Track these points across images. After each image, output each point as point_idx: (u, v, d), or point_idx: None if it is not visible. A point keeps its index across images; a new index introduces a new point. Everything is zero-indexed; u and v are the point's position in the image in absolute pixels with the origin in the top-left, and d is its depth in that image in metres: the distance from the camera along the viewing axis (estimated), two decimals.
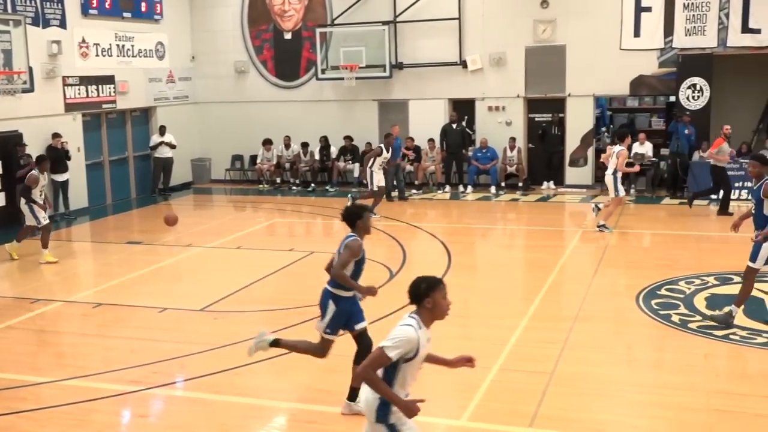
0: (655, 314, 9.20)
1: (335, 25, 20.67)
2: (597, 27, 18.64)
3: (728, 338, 8.34)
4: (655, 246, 13.81)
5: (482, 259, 13.35)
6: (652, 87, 18.96)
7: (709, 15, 17.94)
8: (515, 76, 19.52)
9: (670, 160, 18.03)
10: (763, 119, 19.30)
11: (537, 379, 7.22)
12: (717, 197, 16.25)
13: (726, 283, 10.45)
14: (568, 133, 19.48)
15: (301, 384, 7.50)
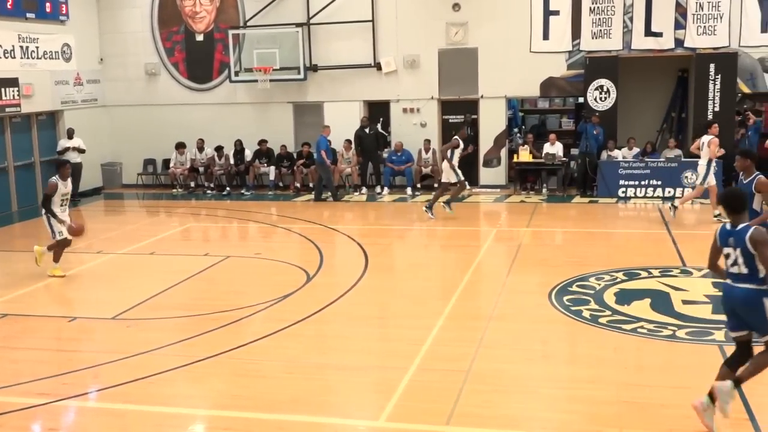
0: (567, 310, 9.43)
1: (248, 27, 20.48)
2: (507, 30, 19.00)
3: (636, 332, 8.61)
4: (567, 244, 14.15)
5: (399, 260, 13.43)
6: (562, 88, 19.44)
7: (614, 19, 18.49)
8: (429, 78, 19.72)
9: (579, 160, 18.51)
10: (667, 119, 20.01)
11: (454, 378, 7.30)
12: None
13: (634, 279, 10.78)
14: (482, 134, 19.78)
15: (216, 390, 7.39)
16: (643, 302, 9.65)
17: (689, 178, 17.30)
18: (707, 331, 8.51)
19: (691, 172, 16.48)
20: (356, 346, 8.57)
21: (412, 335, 8.60)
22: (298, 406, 6.88)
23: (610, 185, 17.79)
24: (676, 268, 11.30)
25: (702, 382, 7.15)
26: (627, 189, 17.76)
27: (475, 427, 6.37)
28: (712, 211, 14.81)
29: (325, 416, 6.73)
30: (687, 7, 18.08)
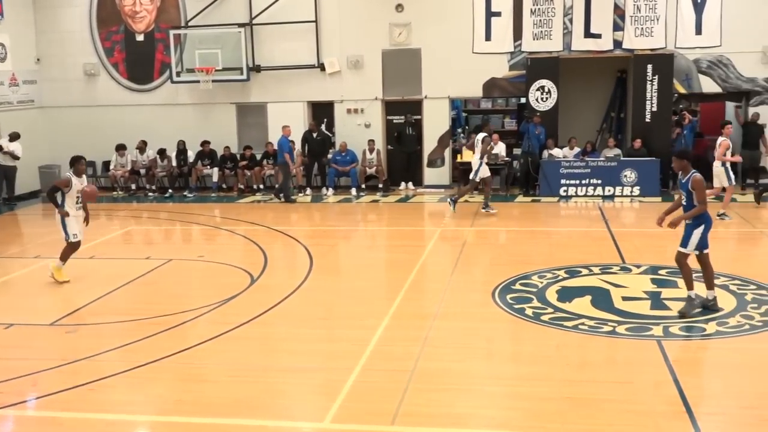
0: (510, 308, 9.52)
1: (189, 27, 20.25)
2: (450, 31, 19.14)
3: (578, 328, 8.74)
4: (510, 242, 14.31)
5: (344, 261, 13.41)
6: (504, 89, 19.65)
7: (554, 20, 18.77)
8: (373, 78, 19.75)
9: (522, 160, 18.74)
10: (606, 119, 20.37)
11: (398, 378, 7.32)
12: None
13: (575, 276, 10.94)
14: (426, 134, 19.89)
15: (158, 396, 7.28)
16: (584, 299, 9.80)
17: (628, 177, 17.68)
18: (646, 327, 8.68)
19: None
20: (301, 347, 8.53)
21: (357, 336, 8.60)
22: (243, 410, 6.82)
23: (551, 184, 18.05)
24: (616, 266, 11.50)
25: (641, 376, 7.33)
26: (568, 188, 18.04)
27: (419, 426, 6.39)
28: (719, 210, 14.82)
29: (270, 419, 6.68)
30: (625, 9, 18.45)
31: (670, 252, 9.66)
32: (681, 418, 6.41)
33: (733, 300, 9.61)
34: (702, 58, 18.50)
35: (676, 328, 8.66)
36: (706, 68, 18.55)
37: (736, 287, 10.14)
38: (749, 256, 12.88)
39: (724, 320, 8.87)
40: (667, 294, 9.92)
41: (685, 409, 6.56)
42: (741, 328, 8.63)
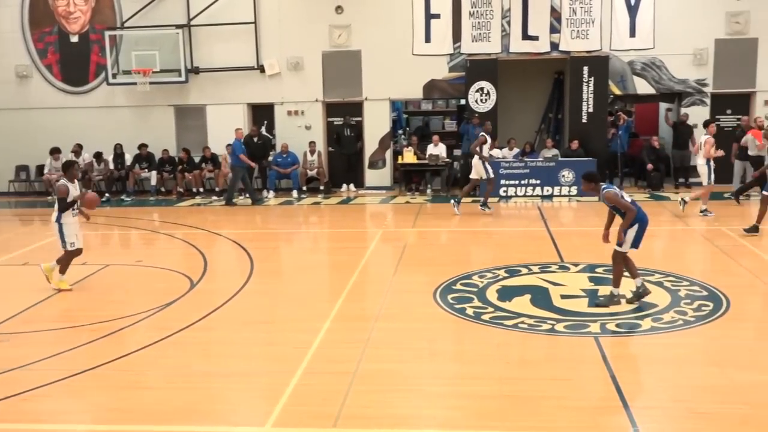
0: (452, 308, 9.58)
1: (125, 28, 19.95)
2: (390, 33, 19.22)
3: (518, 327, 8.84)
4: (451, 243, 14.41)
5: (286, 264, 13.34)
6: (444, 90, 19.81)
7: (492, 23, 19.00)
8: (313, 80, 19.73)
9: (462, 161, 18.90)
10: (544, 120, 20.69)
11: (340, 380, 7.30)
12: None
13: (515, 275, 11.07)
14: (367, 136, 19.94)
15: (96, 404, 7.13)
16: (524, 298, 9.92)
17: (566, 177, 17.97)
18: (584, 324, 8.83)
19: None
20: (242, 351, 8.45)
21: (299, 339, 8.56)
22: (183, 416, 6.72)
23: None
24: (555, 264, 11.67)
25: (580, 373, 7.45)
26: (508, 188, 18.27)
27: (361, 428, 6.39)
28: (700, 206, 15.35)
29: (211, 425, 6.60)
30: (561, 12, 18.77)
31: (607, 250, 9.86)
32: (618, 412, 6.53)
33: (668, 296, 9.84)
34: (636, 60, 18.93)
35: (613, 324, 8.82)
36: (640, 70, 18.99)
37: (670, 284, 10.38)
38: (683, 253, 13.20)
39: (658, 316, 9.07)
40: (604, 291, 10.08)
41: (621, 403, 6.69)
42: (675, 323, 8.84)
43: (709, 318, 9.00)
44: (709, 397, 6.85)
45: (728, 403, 6.69)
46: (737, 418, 6.39)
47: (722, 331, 8.65)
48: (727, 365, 7.54)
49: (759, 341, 8.34)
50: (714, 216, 15.14)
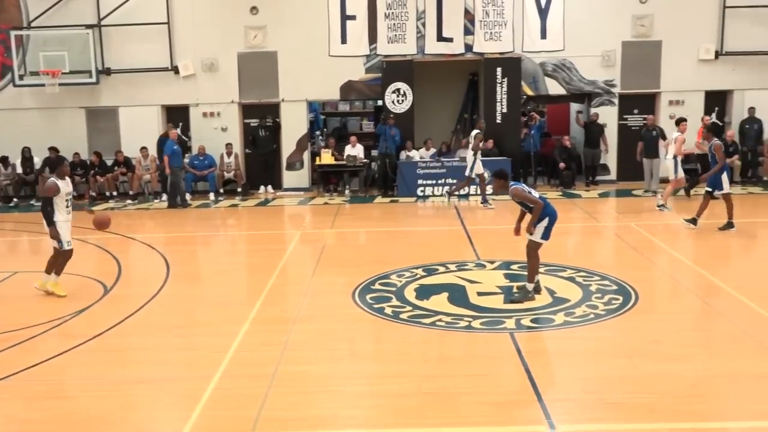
0: (370, 308, 9.63)
1: (32, 28, 19.32)
2: (306, 34, 19.16)
3: (435, 325, 8.94)
4: (370, 243, 14.47)
5: (203, 268, 13.17)
6: (361, 92, 19.86)
7: (408, 24, 19.14)
8: (229, 81, 19.52)
9: (379, 161, 19.00)
10: (460, 120, 20.97)
11: (259, 383, 7.25)
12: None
13: (432, 274, 11.19)
14: (284, 137, 19.83)
15: (5, 416, 6.89)
16: (441, 296, 10.03)
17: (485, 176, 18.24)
18: (500, 321, 8.99)
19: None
20: (158, 357, 8.31)
21: (217, 343, 8.46)
22: (98, 425, 6.57)
23: (409, 185, 18.41)
24: (472, 262, 11.85)
25: (496, 368, 7.59)
26: (425, 188, 18.45)
27: (280, 430, 6.37)
28: (658, 200, 15.77)
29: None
30: (474, 14, 19.05)
31: (522, 248, 10.06)
32: (532, 405, 6.68)
33: (579, 291, 10.11)
34: (547, 62, 19.36)
35: (528, 320, 9.02)
36: (552, 71, 19.43)
37: (582, 279, 10.66)
38: (593, 248, 13.58)
39: (571, 311, 9.31)
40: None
41: (536, 396, 6.84)
42: (587, 317, 9.09)
43: (619, 311, 9.29)
44: (619, 387, 7.08)
45: (637, 392, 6.93)
46: (646, 407, 6.62)
47: (631, 323, 8.94)
48: (636, 356, 7.80)
49: (666, 333, 8.65)
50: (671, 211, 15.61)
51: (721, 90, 19.59)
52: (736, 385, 7.13)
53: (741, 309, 9.31)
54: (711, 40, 19.24)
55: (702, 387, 7.05)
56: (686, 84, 19.41)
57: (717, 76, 19.39)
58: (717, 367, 7.57)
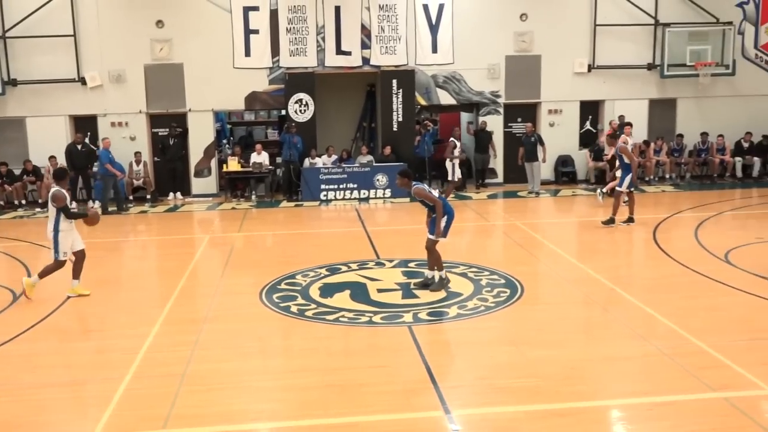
0: (277, 307, 9.55)
1: None
2: (211, 47, 18.87)
3: (338, 321, 8.95)
4: (276, 245, 14.34)
5: (114, 272, 12.73)
6: (265, 102, 19.68)
7: (308, 38, 19.08)
8: (136, 92, 19.00)
9: (284, 167, 18.87)
10: (359, 129, 21.05)
11: (170, 382, 7.09)
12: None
13: (335, 273, 11.19)
14: (192, 145, 19.44)
15: None
16: (344, 294, 10.05)
17: (380, 180, 18.38)
18: (399, 315, 9.07)
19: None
20: (69, 361, 8.01)
21: (127, 345, 8.22)
22: (9, 430, 6.27)
23: (312, 190, 18.35)
24: (372, 261, 11.91)
25: (395, 359, 7.65)
26: (328, 192, 18.43)
27: (191, 426, 6.24)
28: (600, 190, 16.53)
29: None
30: (371, 30, 19.16)
31: (419, 247, 10.19)
32: (429, 393, 6.77)
33: (471, 286, 10.30)
34: (439, 74, 19.66)
35: (424, 313, 9.13)
36: (443, 83, 19.74)
37: (473, 274, 10.87)
38: (484, 246, 13.86)
39: (463, 304, 9.48)
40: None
41: (432, 384, 6.94)
42: (477, 309, 9.27)
43: (507, 303, 9.52)
44: (507, 372, 7.25)
45: (523, 377, 7.11)
46: (530, 390, 6.81)
47: (518, 314, 9.18)
48: (522, 344, 8.01)
49: (548, 322, 8.91)
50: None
51: (594, 100, 20.33)
52: (610, 366, 7.42)
53: (614, 298, 9.70)
54: (584, 55, 19.95)
55: (580, 369, 7.30)
56: (563, 94, 20.07)
57: (590, 87, 20.12)
58: (593, 351, 7.86)
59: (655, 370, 7.27)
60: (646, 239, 13.20)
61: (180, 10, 18.83)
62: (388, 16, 19.20)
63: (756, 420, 6.16)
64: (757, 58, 20.42)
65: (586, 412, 6.40)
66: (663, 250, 12.29)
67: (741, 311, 8.95)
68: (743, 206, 16.12)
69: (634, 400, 6.61)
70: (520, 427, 6.12)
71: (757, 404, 6.47)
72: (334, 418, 6.34)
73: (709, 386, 6.79)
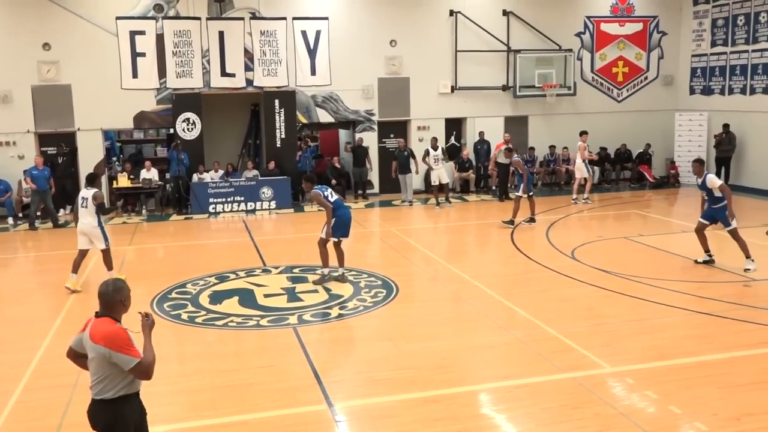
0: (168, 315, 9.25)
1: None
2: (99, 68, 18.06)
3: (227, 325, 8.76)
4: (167, 257, 13.86)
5: (2, 288, 11.94)
6: (153, 121, 19.02)
7: (194, 61, 18.61)
8: (24, 112, 17.91)
9: (173, 183, 18.29)
10: (245, 145, 20.71)
11: (61, 392, 6.71)
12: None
13: (224, 281, 10.95)
14: (82, 163, 18.50)
15: None
16: (233, 300, 9.86)
17: (265, 193, 18.17)
18: (284, 317, 8.99)
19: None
20: None
21: (18, 358, 7.72)
22: None
23: (201, 203, 17.88)
24: (259, 269, 11.73)
25: (282, 359, 7.56)
26: (216, 205, 18.01)
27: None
28: (573, 196, 17.82)
29: None
30: (253, 53, 18.91)
31: (303, 253, 10.13)
32: (314, 389, 6.73)
33: (351, 288, 10.33)
34: (318, 94, 19.63)
35: (308, 315, 9.08)
36: (321, 102, 19.72)
37: (353, 277, 10.91)
38: (362, 251, 13.88)
39: (344, 305, 9.50)
40: (300, 288, 10.35)
41: (316, 380, 6.90)
42: (357, 309, 9.31)
43: (383, 302, 9.61)
44: (385, 365, 7.31)
45: (400, 368, 7.20)
46: (407, 380, 6.90)
47: (394, 311, 9.28)
48: (398, 339, 8.11)
49: (421, 317, 9.06)
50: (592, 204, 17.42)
51: (457, 117, 20.88)
52: (476, 355, 7.63)
53: (478, 293, 9.98)
54: (448, 77, 20.45)
55: (450, 359, 7.47)
56: (430, 113, 20.49)
57: (453, 106, 20.65)
58: (461, 342, 8.05)
59: (514, 356, 7.53)
60: (505, 240, 13.67)
61: (67, 34, 17.91)
62: (269, 41, 19.01)
63: (599, 395, 6.48)
64: (594, 81, 21.62)
65: (456, 397, 6.54)
66: (519, 249, 12.77)
67: (585, 301, 9.43)
68: (586, 209, 16.99)
69: (497, 384, 6.82)
70: (398, 414, 6.18)
71: (600, 381, 6.81)
72: (225, 417, 6.20)
73: (560, 368, 7.10)
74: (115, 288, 4.56)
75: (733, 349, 7.56)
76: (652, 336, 8.02)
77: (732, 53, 20.05)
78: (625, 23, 21.56)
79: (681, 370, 7.05)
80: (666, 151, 21.52)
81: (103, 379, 4.43)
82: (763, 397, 6.40)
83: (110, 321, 4.51)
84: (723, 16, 20.34)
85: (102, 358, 4.40)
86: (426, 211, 17.52)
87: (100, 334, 4.44)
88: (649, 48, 21.83)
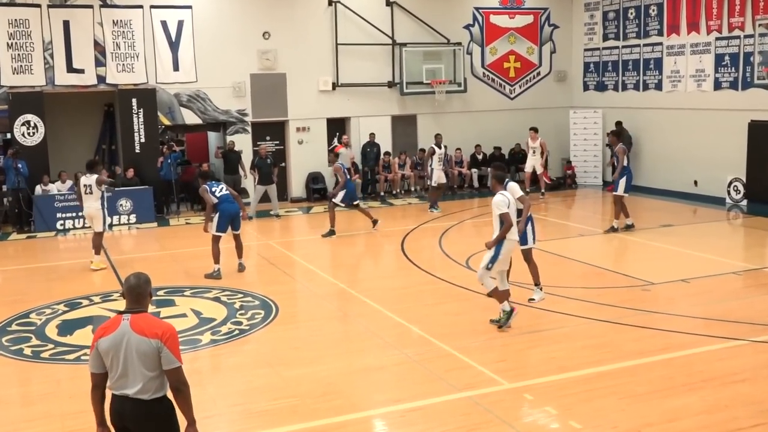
0: (7, 351, 8.76)
1: None
2: None
3: (80, 360, 8.39)
4: (6, 282, 13.09)
5: None
6: None
7: (34, 55, 17.78)
8: None
9: (11, 197, 17.35)
10: (98, 151, 20.00)
11: None
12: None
13: (76, 308, 10.49)
14: None
15: None
16: (86, 330, 9.46)
17: (124, 206, 17.59)
18: None
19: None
20: None
21: None
22: None
23: (47, 219, 17.06)
24: (117, 292, 11.29)
25: None
26: (65, 221, 17.25)
27: None
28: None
29: None
30: (105, 46, 18.29)
31: (167, 273, 9.86)
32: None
33: (225, 310, 10.16)
34: (182, 93, 19.20)
35: None
36: (187, 102, 19.31)
37: (226, 297, 10.73)
38: (236, 267, 13.66)
39: (217, 329, 9.32)
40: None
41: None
42: (232, 334, 9.17)
43: (262, 324, 9.52)
44: (264, 395, 7.24)
45: (280, 398, 7.14)
46: (288, 410, 6.85)
47: (273, 334, 9.21)
48: (278, 364, 8.04)
49: (304, 339, 9.03)
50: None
51: (340, 117, 20.99)
52: (365, 378, 7.69)
53: (367, 310, 10.06)
54: (328, 73, 20.53)
55: (337, 384, 7.48)
56: (310, 112, 20.50)
57: (335, 104, 20.75)
58: (349, 364, 8.09)
59: (407, 377, 7.64)
60: (395, 250, 13.85)
61: None
62: (123, 32, 18.43)
63: (497, 414, 6.68)
64: (485, 77, 22.31)
65: (344, 426, 6.56)
66: (410, 260, 12.98)
67: (481, 314, 9.68)
68: (481, 214, 17.46)
69: (388, 408, 6.90)
70: None
71: (498, 399, 7.02)
72: None
73: (455, 387, 7.26)
74: (145, 280, 4.77)
75: (632, 357, 7.99)
76: (550, 348, 8.35)
77: (624, 47, 21.26)
78: (515, 15, 22.42)
79: (581, 382, 7.38)
80: (561, 150, 22.47)
81: (158, 376, 4.61)
82: (662, 406, 6.79)
83: (153, 316, 4.76)
84: (614, 9, 21.54)
85: (153, 354, 4.57)
86: (308, 220, 17.48)
87: (152, 328, 4.61)
88: (540, 42, 22.79)
